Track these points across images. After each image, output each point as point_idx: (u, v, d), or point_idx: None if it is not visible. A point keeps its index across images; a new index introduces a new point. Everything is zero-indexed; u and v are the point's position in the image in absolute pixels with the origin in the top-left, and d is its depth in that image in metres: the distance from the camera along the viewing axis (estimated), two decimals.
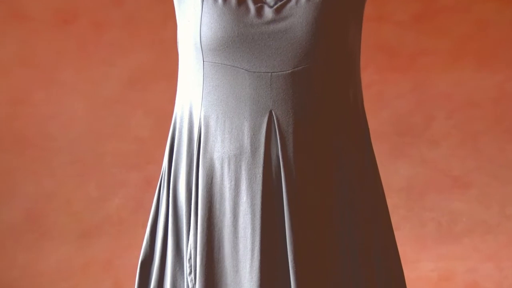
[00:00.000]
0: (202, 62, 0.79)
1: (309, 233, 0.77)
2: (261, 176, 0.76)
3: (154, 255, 0.88)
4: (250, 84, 0.77)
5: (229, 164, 0.78)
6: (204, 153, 0.80)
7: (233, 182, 0.78)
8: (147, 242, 0.89)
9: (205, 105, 0.80)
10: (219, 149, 0.79)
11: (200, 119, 0.81)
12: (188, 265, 0.81)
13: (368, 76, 1.94)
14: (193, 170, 0.82)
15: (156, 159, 1.47)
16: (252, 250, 0.76)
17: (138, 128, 2.02)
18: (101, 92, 2.01)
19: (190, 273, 0.81)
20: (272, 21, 0.77)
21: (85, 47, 2.00)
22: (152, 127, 2.00)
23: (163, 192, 0.88)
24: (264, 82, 0.77)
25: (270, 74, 0.77)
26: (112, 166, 2.01)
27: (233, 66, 0.77)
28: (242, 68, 0.77)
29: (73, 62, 2.00)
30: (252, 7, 0.77)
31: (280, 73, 0.77)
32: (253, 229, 0.76)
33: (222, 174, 0.78)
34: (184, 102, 0.85)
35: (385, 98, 2.04)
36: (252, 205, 0.76)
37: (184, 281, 0.83)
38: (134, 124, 2.02)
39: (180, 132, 0.86)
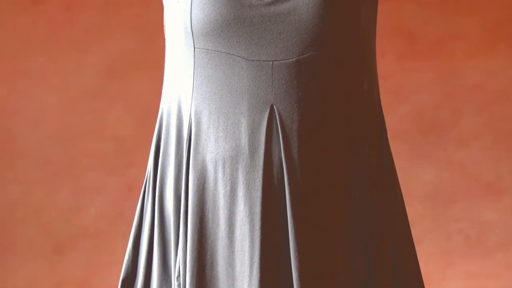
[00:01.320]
0: (193, 48, 0.80)
1: (317, 246, 0.78)
2: (261, 180, 0.77)
3: (137, 273, 0.88)
4: (248, 74, 0.77)
5: (223, 167, 0.78)
6: (195, 155, 0.80)
7: (228, 188, 0.78)
8: (129, 258, 0.90)
9: (196, 99, 0.80)
10: (213, 150, 0.79)
11: (190, 115, 0.81)
12: (176, 283, 0.82)
13: (385, 65, 1.94)
14: (182, 174, 0.82)
15: (139, 161, 1.47)
16: (251, 266, 0.76)
17: (118, 125, 2.02)
18: (74, 84, 2.02)
19: None
20: (274, 1, 0.77)
21: (56, 32, 2.00)
22: (135, 124, 2.00)
23: (147, 200, 0.89)
24: (264, 72, 0.77)
25: (271, 62, 0.77)
26: (88, 170, 2.01)
27: (229, 53, 0.78)
28: (239, 56, 0.78)
29: (42, 49, 2.00)
30: None
31: (283, 61, 0.77)
32: (251, 242, 0.76)
33: (215, 178, 0.79)
34: (171, 95, 0.86)
35: (405, 91, 2.04)
36: (250, 214, 0.77)
37: None
38: (113, 121, 2.03)
39: (167, 130, 0.87)
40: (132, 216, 0.91)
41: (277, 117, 0.77)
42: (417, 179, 2.03)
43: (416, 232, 0.92)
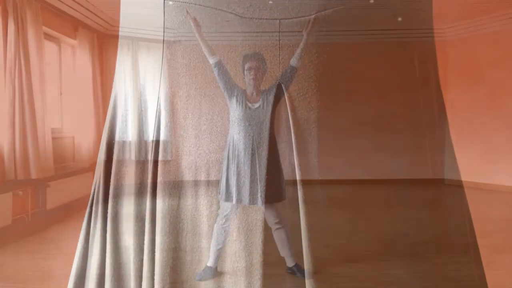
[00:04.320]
0: (163, 1, 0.81)
1: None
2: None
3: None
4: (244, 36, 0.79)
5: (208, 175, 0.80)
6: (166, 158, 0.81)
7: (214, 207, 0.80)
8: None
9: (167, 76, 0.82)
10: (192, 151, 0.80)
11: (158, 99, 0.82)
12: None
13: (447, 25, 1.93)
14: (146, 186, 0.83)
15: (81, 169, 1.47)
16: None
17: (50, 116, 2.02)
18: None
19: None
20: None
21: None
22: (71, 113, 2.00)
23: (95, 224, 0.90)
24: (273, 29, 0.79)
25: (278, 21, 0.79)
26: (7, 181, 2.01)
27: (216, 9, 0.79)
28: (231, 13, 0.79)
29: None
30: None
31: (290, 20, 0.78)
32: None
33: (196, 192, 0.80)
34: (129, 72, 0.87)
35: (478, 63, 2.03)
36: (247, 246, 0.78)
37: None
38: (40, 110, 2.03)
39: (124, 123, 0.88)
40: (73, 248, 0.92)
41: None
42: (497, 195, 2.04)
43: (492, 273, 0.92)
